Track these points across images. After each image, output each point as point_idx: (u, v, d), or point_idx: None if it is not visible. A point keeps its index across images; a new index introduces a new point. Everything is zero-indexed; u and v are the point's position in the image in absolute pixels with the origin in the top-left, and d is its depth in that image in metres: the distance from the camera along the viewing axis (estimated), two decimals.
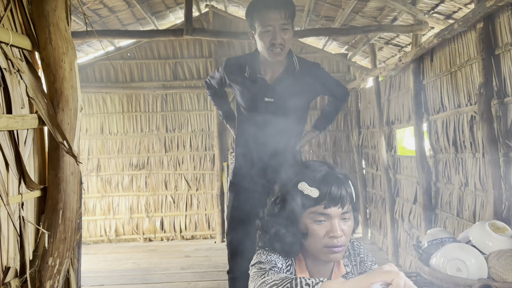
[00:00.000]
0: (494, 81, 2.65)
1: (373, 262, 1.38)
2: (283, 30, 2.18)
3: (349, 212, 1.27)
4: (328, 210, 1.24)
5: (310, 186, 1.25)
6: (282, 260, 1.31)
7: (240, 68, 2.36)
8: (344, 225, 1.26)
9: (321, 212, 1.24)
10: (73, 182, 1.74)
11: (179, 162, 6.42)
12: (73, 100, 1.73)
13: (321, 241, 1.25)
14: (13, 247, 1.55)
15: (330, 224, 1.24)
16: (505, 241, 2.05)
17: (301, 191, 1.25)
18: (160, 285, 4.28)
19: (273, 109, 2.32)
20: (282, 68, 2.32)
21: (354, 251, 1.41)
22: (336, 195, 1.24)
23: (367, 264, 1.38)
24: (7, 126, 1.48)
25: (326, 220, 1.25)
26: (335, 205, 1.24)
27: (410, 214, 4.32)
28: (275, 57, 2.22)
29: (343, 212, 1.25)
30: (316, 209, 1.24)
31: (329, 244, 1.24)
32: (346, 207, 1.26)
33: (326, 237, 1.24)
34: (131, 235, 6.32)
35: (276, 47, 2.19)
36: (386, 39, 4.83)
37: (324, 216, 1.24)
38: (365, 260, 1.39)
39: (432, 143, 3.73)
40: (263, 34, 2.20)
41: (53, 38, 1.69)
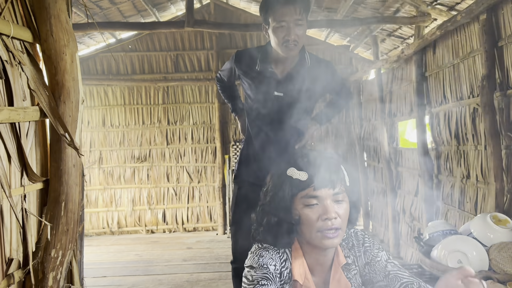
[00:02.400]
0: (497, 73, 2.63)
1: (379, 249, 1.33)
2: (297, 26, 2.17)
3: (341, 193, 1.24)
4: (319, 191, 1.21)
5: (298, 171, 1.23)
6: (276, 259, 1.28)
7: (250, 60, 2.35)
8: (338, 208, 1.23)
9: (311, 194, 1.22)
10: (75, 174, 1.74)
11: (181, 155, 6.43)
12: (75, 92, 1.73)
13: (315, 225, 1.21)
14: (16, 239, 1.56)
15: (323, 206, 1.21)
16: (507, 233, 2.05)
17: (290, 177, 1.24)
18: (162, 277, 4.31)
19: (282, 103, 2.32)
20: (293, 63, 2.31)
21: (358, 242, 1.35)
22: (325, 175, 1.21)
23: (373, 252, 1.32)
24: (8, 119, 1.49)
25: (318, 203, 1.22)
26: (325, 186, 1.21)
27: (411, 206, 4.32)
28: (289, 52, 2.21)
29: (335, 193, 1.22)
30: (307, 192, 1.22)
31: (323, 227, 1.20)
32: (338, 188, 1.23)
33: (320, 220, 1.21)
34: (133, 227, 6.35)
35: (290, 43, 2.18)
36: (389, 31, 4.80)
37: (315, 199, 1.22)
38: (371, 248, 1.33)
39: (434, 135, 3.72)
40: (277, 29, 2.19)
41: (54, 30, 1.68)
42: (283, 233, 1.28)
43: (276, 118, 2.33)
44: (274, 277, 1.24)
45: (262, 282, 1.19)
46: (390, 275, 1.25)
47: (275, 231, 1.28)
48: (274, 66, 2.32)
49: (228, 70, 2.51)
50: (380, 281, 1.27)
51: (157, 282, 4.16)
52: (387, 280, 1.26)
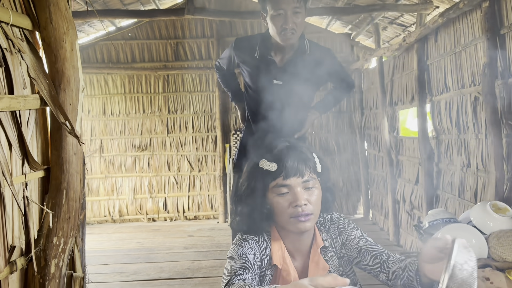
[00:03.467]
0: (498, 61, 2.62)
1: (353, 228, 1.41)
2: (295, 14, 2.14)
3: (311, 180, 1.30)
4: (288, 180, 1.28)
5: (269, 162, 1.30)
6: (255, 248, 1.34)
7: (250, 48, 2.33)
8: (308, 194, 1.29)
9: (281, 184, 1.28)
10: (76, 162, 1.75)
11: (181, 144, 6.43)
12: (75, 80, 1.73)
13: (287, 212, 1.29)
14: (18, 226, 1.57)
15: (293, 194, 1.28)
16: (506, 222, 2.06)
17: (261, 168, 1.31)
18: (163, 264, 4.35)
19: (281, 91, 2.30)
20: (292, 51, 2.29)
21: (333, 225, 1.42)
22: (293, 164, 1.28)
23: (347, 232, 1.39)
24: (9, 107, 1.48)
25: (288, 191, 1.29)
26: (294, 174, 1.28)
27: (411, 195, 4.34)
28: (287, 41, 2.19)
29: (304, 181, 1.29)
30: (277, 182, 1.29)
31: (294, 213, 1.27)
32: (307, 175, 1.29)
33: (291, 207, 1.28)
34: (134, 215, 6.39)
35: (288, 32, 2.16)
36: (390, 19, 4.77)
37: (285, 188, 1.29)
38: (345, 229, 1.41)
39: (435, 124, 3.71)
40: (274, 17, 2.16)
41: (53, 17, 1.67)
42: (258, 222, 1.35)
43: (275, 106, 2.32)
44: (253, 265, 1.29)
45: (239, 272, 1.23)
46: (362, 250, 1.34)
47: (250, 220, 1.35)
48: (273, 54, 2.30)
49: (227, 58, 2.49)
50: (356, 258, 1.36)
51: (159, 269, 4.19)
52: (360, 255, 1.34)
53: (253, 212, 1.34)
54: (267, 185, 1.31)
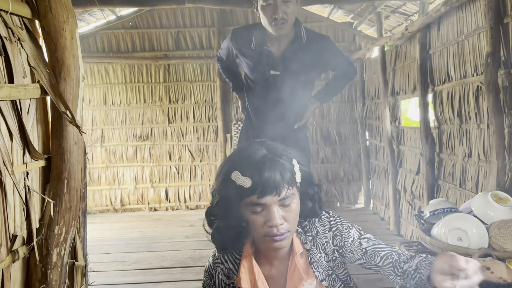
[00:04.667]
0: (501, 50, 2.60)
1: (349, 228, 1.29)
2: (284, 3, 2.10)
3: (289, 197, 1.17)
4: (263, 199, 1.14)
5: (242, 176, 1.14)
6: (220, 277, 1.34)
7: (246, 39, 2.31)
8: (285, 212, 1.17)
9: (255, 202, 1.15)
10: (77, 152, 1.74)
11: (182, 133, 6.43)
12: (75, 69, 1.72)
13: (261, 231, 1.18)
14: (19, 215, 1.58)
15: (268, 212, 1.16)
16: (507, 212, 2.06)
17: (234, 181, 1.16)
18: (165, 253, 4.37)
19: (279, 82, 2.28)
20: (289, 40, 2.26)
21: (324, 227, 1.30)
22: (269, 182, 1.13)
23: (343, 234, 1.27)
24: (9, 96, 1.48)
25: (263, 209, 1.16)
26: (270, 193, 1.14)
27: (412, 185, 4.34)
28: (278, 31, 2.16)
29: (280, 199, 1.16)
30: (251, 200, 1.15)
31: (269, 233, 1.17)
32: (284, 193, 1.15)
33: (265, 226, 1.17)
34: (136, 205, 6.41)
35: (278, 22, 2.12)
36: (393, 8, 4.73)
37: (260, 206, 1.16)
38: (340, 231, 1.28)
39: (437, 114, 3.70)
40: (264, 7, 2.13)
41: (53, 6, 1.65)
42: (231, 237, 1.26)
43: (274, 97, 2.30)
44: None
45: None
46: (368, 252, 1.25)
47: (223, 235, 1.27)
48: (270, 44, 2.27)
49: (226, 49, 2.47)
50: (359, 259, 1.27)
51: (161, 258, 4.22)
52: (366, 257, 1.25)
53: (227, 227, 1.24)
54: (240, 201, 1.18)
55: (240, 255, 1.31)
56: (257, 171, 1.14)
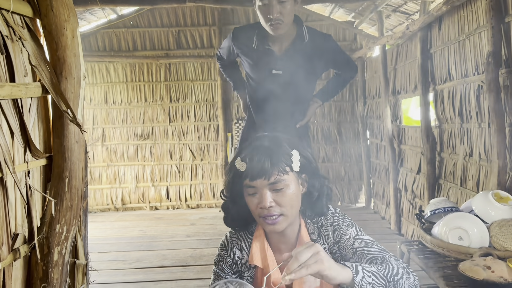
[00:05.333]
0: (503, 49, 2.60)
1: (348, 226, 1.34)
2: (280, 3, 2.08)
3: (280, 182, 1.25)
4: (254, 182, 1.25)
5: (241, 161, 1.28)
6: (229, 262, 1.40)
7: (248, 38, 2.29)
8: (276, 196, 1.26)
9: (249, 184, 1.27)
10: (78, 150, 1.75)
11: (183, 132, 6.43)
12: (76, 68, 1.72)
13: (256, 212, 1.29)
14: (20, 214, 1.58)
15: (259, 195, 1.26)
16: (508, 211, 2.06)
17: (235, 166, 1.30)
18: (166, 252, 4.38)
19: (281, 81, 2.27)
20: (290, 39, 2.25)
21: (327, 221, 1.37)
22: (257, 167, 1.24)
23: (342, 230, 1.34)
24: (10, 95, 1.48)
25: (256, 192, 1.27)
26: (259, 177, 1.24)
27: (413, 184, 4.34)
28: (275, 31, 2.15)
29: (270, 183, 1.25)
30: (246, 182, 1.27)
31: (261, 214, 1.27)
32: (274, 178, 1.24)
33: (258, 208, 1.27)
34: (137, 204, 6.42)
35: (274, 22, 2.11)
36: (394, 6, 4.72)
37: (253, 189, 1.27)
38: (339, 227, 1.35)
39: (438, 113, 3.70)
40: (261, 8, 2.12)
41: (54, 5, 1.66)
42: (239, 217, 1.39)
43: (276, 96, 2.29)
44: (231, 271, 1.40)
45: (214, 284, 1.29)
46: (357, 252, 1.29)
47: (232, 215, 1.40)
48: (271, 44, 2.26)
49: (226, 48, 2.46)
50: (351, 258, 1.32)
51: (161, 257, 4.22)
52: (355, 257, 1.30)
53: (234, 208, 1.36)
54: (241, 184, 1.30)
55: (252, 235, 1.41)
56: (251, 157, 1.26)
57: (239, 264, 1.40)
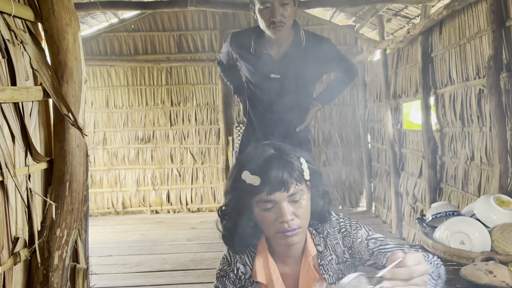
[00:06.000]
0: (504, 53, 2.60)
1: (357, 228, 1.29)
2: (282, 6, 2.09)
3: (298, 193, 1.20)
4: (272, 196, 1.18)
5: (251, 174, 1.19)
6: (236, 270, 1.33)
7: (246, 43, 2.29)
8: (295, 208, 1.20)
9: (265, 199, 1.19)
10: (79, 154, 1.75)
11: (184, 136, 6.44)
12: (77, 72, 1.72)
13: (273, 228, 1.21)
14: (21, 218, 1.58)
15: (278, 209, 1.19)
16: (509, 215, 2.05)
17: (244, 181, 1.20)
18: (167, 256, 4.37)
19: (280, 85, 2.27)
20: (288, 43, 2.25)
21: (334, 229, 1.31)
22: (277, 179, 1.17)
23: (352, 235, 1.28)
24: (12, 98, 1.48)
25: (273, 206, 1.19)
26: (278, 189, 1.17)
27: (414, 188, 4.33)
28: (277, 34, 2.15)
29: (290, 195, 1.19)
30: (261, 197, 1.19)
31: (280, 229, 1.20)
32: (292, 189, 1.18)
33: (276, 222, 1.20)
34: (138, 207, 6.41)
35: (276, 25, 2.11)
36: (395, 11, 4.73)
37: (270, 203, 1.19)
38: (349, 232, 1.29)
39: (439, 117, 3.70)
40: (262, 11, 2.12)
41: (56, 9, 1.66)
42: (244, 237, 1.30)
43: (275, 100, 2.29)
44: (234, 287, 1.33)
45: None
46: (375, 253, 1.24)
47: (235, 235, 1.29)
48: (269, 48, 2.26)
49: (225, 53, 2.46)
50: (368, 260, 1.27)
51: (162, 261, 4.21)
52: (373, 258, 1.25)
53: (239, 227, 1.27)
54: (251, 200, 1.22)
55: (255, 248, 1.34)
56: (265, 169, 1.18)
57: (242, 280, 1.34)
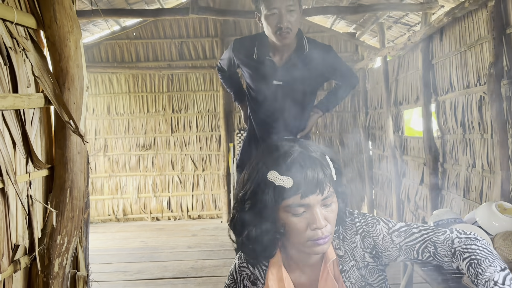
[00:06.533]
0: (504, 60, 2.60)
1: (374, 224, 1.17)
2: (289, 12, 2.11)
3: (330, 196, 1.09)
4: (307, 199, 1.05)
5: (281, 175, 1.06)
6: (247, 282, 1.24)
7: (248, 49, 2.31)
8: (327, 212, 1.09)
9: (298, 203, 1.06)
10: (80, 161, 1.75)
11: (185, 143, 6.44)
12: (79, 79, 1.73)
13: (304, 235, 1.08)
14: (21, 225, 1.57)
15: (311, 214, 1.07)
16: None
17: (272, 182, 1.06)
18: (167, 263, 4.35)
19: (282, 92, 2.28)
20: (291, 50, 2.26)
21: (351, 231, 1.18)
22: (313, 180, 1.05)
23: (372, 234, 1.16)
24: (13, 105, 1.49)
25: (305, 210, 1.07)
26: (313, 192, 1.05)
27: (416, 195, 4.32)
28: (283, 40, 2.17)
29: (324, 198, 1.07)
30: (293, 201, 1.06)
31: (313, 237, 1.07)
32: (327, 191, 1.08)
33: (309, 229, 1.07)
34: (138, 214, 6.40)
35: (283, 31, 2.13)
36: (395, 18, 4.74)
37: (302, 207, 1.07)
38: (367, 231, 1.16)
39: (440, 123, 3.69)
40: (269, 17, 2.14)
41: (58, 16, 1.67)
42: (265, 246, 1.15)
43: (277, 107, 2.30)
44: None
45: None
46: (403, 247, 1.13)
47: (257, 244, 1.14)
48: (272, 54, 2.28)
49: (227, 59, 2.47)
50: (399, 256, 1.15)
51: (163, 268, 4.20)
52: (403, 253, 1.13)
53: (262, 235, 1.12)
54: (280, 203, 1.07)
55: (267, 261, 1.22)
56: (298, 169, 1.06)
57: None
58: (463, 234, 1.09)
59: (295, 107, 2.31)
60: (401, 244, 1.13)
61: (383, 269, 1.19)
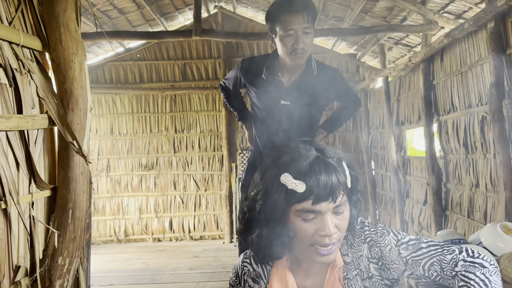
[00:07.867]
0: (505, 81, 2.62)
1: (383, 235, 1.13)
2: (305, 34, 2.15)
3: (343, 205, 1.06)
4: (318, 206, 1.03)
5: (294, 179, 1.03)
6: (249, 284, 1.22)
7: (257, 69, 2.34)
8: (338, 220, 1.06)
9: (309, 209, 1.03)
10: (82, 182, 1.75)
11: (187, 163, 6.44)
12: (83, 100, 1.75)
13: (310, 240, 1.06)
14: (23, 246, 1.57)
15: (321, 220, 1.04)
16: None
17: (284, 185, 1.04)
18: (169, 285, 4.30)
19: (289, 112, 2.30)
20: (300, 71, 2.30)
21: (359, 239, 1.15)
22: (326, 187, 1.02)
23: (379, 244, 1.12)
24: (17, 126, 1.50)
25: (316, 216, 1.05)
26: (325, 199, 1.03)
27: (420, 215, 4.28)
28: (297, 61, 2.20)
29: (336, 206, 1.05)
30: (303, 206, 1.04)
31: (319, 242, 1.05)
32: (340, 199, 1.05)
33: (316, 235, 1.05)
34: (140, 235, 6.35)
35: (299, 52, 2.17)
36: (396, 39, 4.80)
37: (313, 213, 1.04)
38: (375, 240, 1.13)
39: (443, 143, 3.69)
40: (284, 38, 2.17)
41: (63, 38, 1.70)
42: (274, 247, 1.12)
43: (283, 127, 2.32)
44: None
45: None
46: (409, 262, 1.09)
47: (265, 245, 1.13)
48: (281, 75, 2.31)
49: (233, 78, 2.50)
50: (405, 270, 1.11)
51: None
52: (409, 267, 1.09)
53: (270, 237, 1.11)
54: (290, 206, 1.05)
55: (273, 261, 1.20)
56: (313, 175, 1.03)
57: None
58: (470, 257, 1.04)
59: (301, 127, 2.33)
60: (408, 258, 1.09)
61: (390, 285, 1.15)
